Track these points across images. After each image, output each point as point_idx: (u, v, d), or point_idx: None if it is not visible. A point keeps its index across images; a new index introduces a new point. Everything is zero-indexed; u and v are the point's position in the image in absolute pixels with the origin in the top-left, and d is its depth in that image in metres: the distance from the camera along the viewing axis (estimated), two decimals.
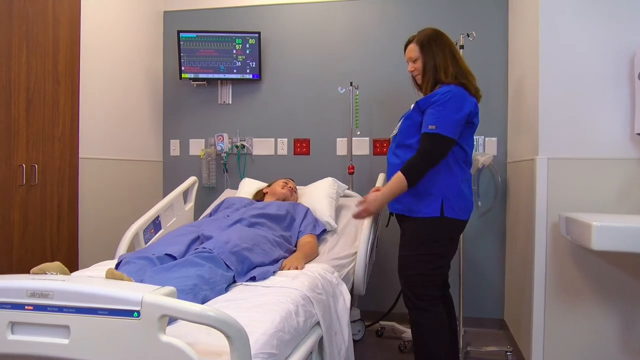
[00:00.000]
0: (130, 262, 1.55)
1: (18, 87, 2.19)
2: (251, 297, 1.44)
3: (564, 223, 1.98)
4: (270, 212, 2.14)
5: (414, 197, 1.90)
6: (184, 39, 3.19)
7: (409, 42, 2.04)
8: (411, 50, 2.02)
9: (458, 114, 1.85)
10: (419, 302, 1.90)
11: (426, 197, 1.89)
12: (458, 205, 1.91)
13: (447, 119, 1.82)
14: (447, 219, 1.88)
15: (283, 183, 2.56)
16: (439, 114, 1.83)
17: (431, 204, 1.89)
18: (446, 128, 1.82)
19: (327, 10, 3.22)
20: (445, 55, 1.95)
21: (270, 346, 1.19)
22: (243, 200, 2.41)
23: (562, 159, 2.13)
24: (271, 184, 2.64)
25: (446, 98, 1.84)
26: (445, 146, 1.84)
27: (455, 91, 1.86)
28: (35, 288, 1.04)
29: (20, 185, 2.20)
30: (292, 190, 2.55)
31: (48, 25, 2.34)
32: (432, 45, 1.95)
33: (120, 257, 1.69)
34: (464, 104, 1.87)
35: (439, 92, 1.87)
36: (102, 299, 1.01)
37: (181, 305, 0.99)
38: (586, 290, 2.11)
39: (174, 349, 0.98)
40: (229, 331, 0.99)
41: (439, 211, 1.88)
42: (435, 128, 1.82)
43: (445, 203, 1.88)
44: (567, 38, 2.13)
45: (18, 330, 1.06)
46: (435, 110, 1.84)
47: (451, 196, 1.89)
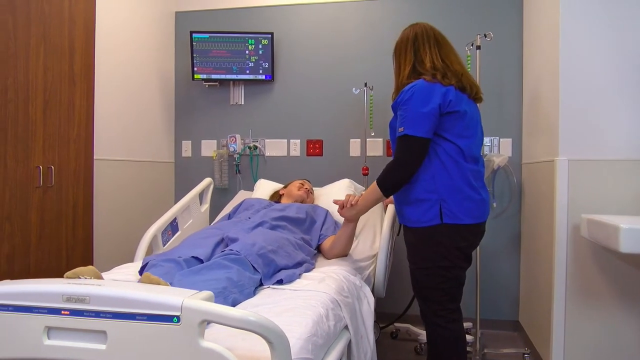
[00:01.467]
0: (157, 265, 1.54)
1: (35, 88, 2.17)
2: (280, 301, 1.42)
3: (587, 225, 1.97)
4: (291, 214, 2.12)
5: (411, 206, 1.75)
6: (196, 39, 3.18)
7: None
8: (393, 60, 1.96)
9: (425, 107, 1.68)
10: (436, 318, 1.76)
11: (422, 203, 1.72)
12: (459, 209, 1.70)
13: (413, 117, 1.67)
14: (446, 226, 1.69)
15: (299, 184, 2.55)
16: (404, 113, 1.70)
17: (428, 211, 1.71)
18: (414, 127, 1.66)
19: (340, 11, 3.21)
20: (407, 57, 1.84)
21: (306, 351, 1.17)
22: (262, 201, 2.39)
23: (583, 161, 2.11)
24: (287, 185, 2.63)
25: (408, 95, 1.70)
26: (417, 147, 1.68)
27: (418, 85, 1.71)
28: (71, 293, 1.03)
29: (37, 187, 2.19)
30: (309, 191, 2.54)
31: (64, 25, 2.32)
32: (401, 50, 1.88)
33: (145, 259, 1.67)
34: (430, 96, 1.69)
35: (402, 92, 1.75)
36: (141, 303, 1.00)
37: (222, 310, 0.98)
38: (608, 292, 2.09)
39: (215, 355, 0.97)
40: (270, 336, 0.97)
41: (438, 218, 1.70)
42: (402, 130, 1.68)
43: (443, 208, 1.70)
44: (588, 39, 2.11)
45: (54, 335, 1.04)
46: (401, 111, 1.72)
47: (449, 199, 1.70)
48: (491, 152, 2.97)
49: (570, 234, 2.13)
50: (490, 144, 2.98)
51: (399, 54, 1.89)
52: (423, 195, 1.72)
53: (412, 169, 1.70)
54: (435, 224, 1.71)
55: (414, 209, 1.75)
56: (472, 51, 2.73)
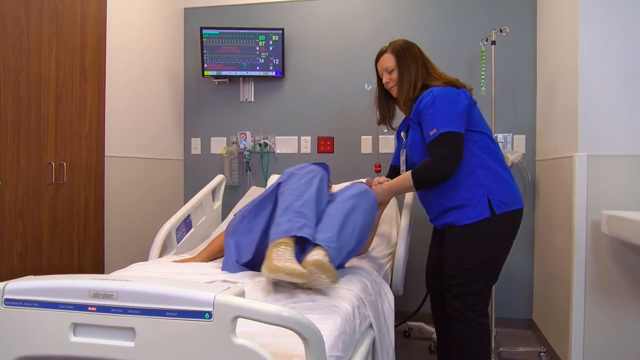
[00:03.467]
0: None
1: (48, 84, 2.14)
2: (306, 298, 1.39)
3: (607, 221, 1.94)
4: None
5: (457, 210, 1.77)
6: (206, 35, 3.15)
7: (383, 53, 1.97)
8: (387, 59, 1.93)
9: (457, 106, 1.73)
10: (468, 312, 1.76)
11: (469, 203, 1.75)
12: (506, 196, 1.76)
13: (445, 115, 1.71)
14: (499, 216, 1.73)
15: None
16: (433, 116, 1.72)
17: (476, 206, 1.74)
18: (449, 124, 1.70)
19: (351, 6, 3.18)
20: (418, 66, 1.89)
21: (337, 348, 1.15)
22: None
23: (602, 156, 2.08)
24: None
25: (429, 100, 1.74)
26: (457, 141, 1.70)
27: (436, 90, 1.76)
28: (98, 288, 1.00)
29: (49, 184, 2.16)
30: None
31: (76, 21, 2.30)
32: (407, 56, 1.89)
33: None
34: (458, 97, 1.76)
35: (423, 98, 1.78)
36: (171, 299, 0.97)
37: (255, 305, 0.95)
38: (628, 289, 2.06)
39: (249, 352, 0.94)
40: (305, 333, 0.95)
41: (488, 211, 1.73)
42: (436, 131, 1.70)
43: (492, 200, 1.73)
44: (608, 33, 2.08)
45: (80, 332, 1.02)
46: (427, 116, 1.74)
47: (496, 189, 1.75)
48: (505, 148, 2.94)
49: (589, 231, 2.09)
50: (503, 141, 2.95)
51: (404, 57, 1.90)
52: (470, 193, 1.75)
53: (454, 166, 1.71)
54: (486, 218, 1.74)
55: (460, 210, 1.78)
56: (487, 47, 2.71)
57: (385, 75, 1.95)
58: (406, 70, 1.88)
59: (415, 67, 1.88)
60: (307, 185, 1.68)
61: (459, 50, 2.99)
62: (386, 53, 1.95)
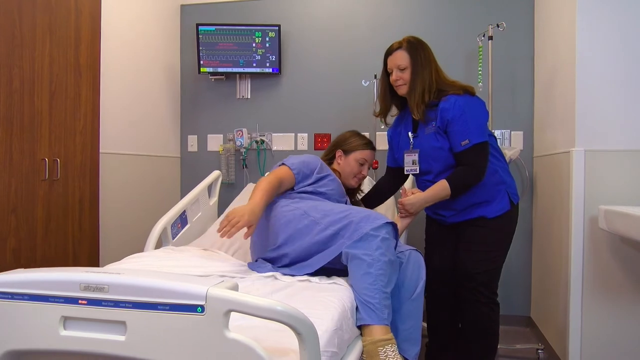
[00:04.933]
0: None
1: (41, 79, 2.12)
2: (304, 293, 1.37)
3: (604, 216, 1.93)
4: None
5: (482, 205, 1.92)
6: (203, 32, 3.13)
7: (397, 49, 1.94)
8: (401, 57, 1.91)
9: (484, 117, 1.88)
10: (493, 295, 1.94)
11: (494, 198, 1.91)
12: (515, 188, 2.00)
13: (476, 126, 1.82)
14: (515, 206, 1.96)
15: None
16: (464, 125, 1.81)
17: (501, 201, 1.92)
18: (481, 134, 1.83)
19: (348, 2, 3.16)
20: (432, 69, 1.89)
21: (332, 344, 1.14)
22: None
23: (599, 151, 2.07)
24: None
25: (462, 109, 1.81)
26: (487, 152, 1.86)
27: (466, 99, 1.84)
28: (89, 281, 0.98)
29: (43, 180, 2.14)
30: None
31: (70, 16, 2.27)
32: (421, 57, 1.88)
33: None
34: (482, 107, 1.88)
35: (447, 107, 1.81)
36: (163, 293, 0.95)
37: (248, 299, 0.93)
38: (627, 285, 2.05)
39: (241, 346, 0.93)
40: (299, 327, 0.93)
41: (509, 204, 1.92)
42: (469, 142, 1.81)
43: (510, 193, 1.94)
44: (605, 28, 2.07)
45: (71, 325, 1.00)
46: (458, 125, 1.81)
47: (511, 182, 1.97)
48: (502, 145, 2.93)
49: (586, 226, 2.08)
50: (501, 137, 2.94)
51: (419, 57, 1.89)
52: (495, 189, 1.91)
53: (485, 172, 1.86)
54: (507, 210, 1.92)
55: (486, 204, 1.92)
56: (484, 42, 2.70)
57: (395, 72, 1.92)
58: (420, 72, 1.87)
59: (429, 70, 1.88)
60: (392, 268, 1.54)
61: (456, 46, 2.98)
62: (400, 50, 1.92)
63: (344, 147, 2.11)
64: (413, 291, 1.70)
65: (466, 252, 1.94)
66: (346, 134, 2.17)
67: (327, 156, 2.16)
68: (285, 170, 1.84)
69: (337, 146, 2.15)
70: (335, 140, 2.20)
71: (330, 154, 2.15)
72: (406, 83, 1.90)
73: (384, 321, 1.41)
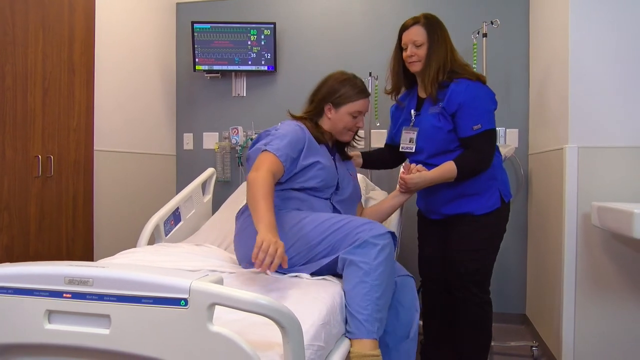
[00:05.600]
0: None
1: (34, 76, 2.12)
2: (293, 288, 1.37)
3: (597, 213, 1.93)
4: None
5: (473, 196, 1.89)
6: (198, 29, 3.13)
7: (414, 24, 1.88)
8: (418, 33, 1.86)
9: (494, 105, 1.87)
10: (485, 295, 1.93)
11: (485, 192, 1.89)
12: (508, 186, 1.97)
13: (487, 112, 1.82)
14: (506, 204, 1.92)
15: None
16: (477, 110, 1.79)
17: (491, 197, 1.89)
18: (491, 121, 1.83)
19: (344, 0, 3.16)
20: (447, 48, 1.87)
21: (319, 338, 1.13)
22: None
23: (593, 148, 2.07)
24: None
25: (476, 94, 1.80)
26: (494, 140, 1.86)
27: (479, 86, 1.83)
28: (73, 274, 0.99)
29: (36, 177, 2.14)
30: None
31: (64, 13, 2.27)
32: (438, 35, 1.85)
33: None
34: (493, 96, 1.88)
35: (460, 91, 1.80)
36: (147, 286, 0.95)
37: (232, 293, 0.93)
38: (619, 282, 2.05)
39: (225, 340, 0.93)
40: (283, 321, 0.93)
41: (499, 201, 1.89)
42: (480, 126, 1.79)
43: (502, 190, 1.91)
44: (598, 25, 2.07)
45: (55, 319, 1.00)
46: (471, 109, 1.79)
47: (503, 179, 1.94)
48: (498, 142, 2.92)
49: (579, 223, 2.08)
50: (496, 135, 2.93)
51: (436, 34, 1.86)
52: (486, 184, 1.88)
53: (492, 160, 1.85)
54: (498, 207, 1.89)
55: (477, 198, 1.89)
56: (478, 39, 2.69)
57: (411, 48, 1.87)
58: (435, 50, 1.84)
59: (445, 49, 1.86)
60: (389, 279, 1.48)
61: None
62: (417, 25, 1.87)
63: (334, 99, 1.81)
64: (410, 327, 1.64)
65: (456, 252, 1.92)
66: (334, 84, 1.84)
67: (313, 112, 1.86)
68: (273, 159, 1.58)
69: (324, 100, 1.83)
70: (322, 92, 1.85)
71: (318, 109, 1.85)
72: (420, 60, 1.86)
73: (373, 335, 1.36)
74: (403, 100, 2.06)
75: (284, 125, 1.74)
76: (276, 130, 1.71)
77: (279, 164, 1.59)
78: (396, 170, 2.85)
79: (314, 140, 1.76)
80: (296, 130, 1.70)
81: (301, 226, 1.56)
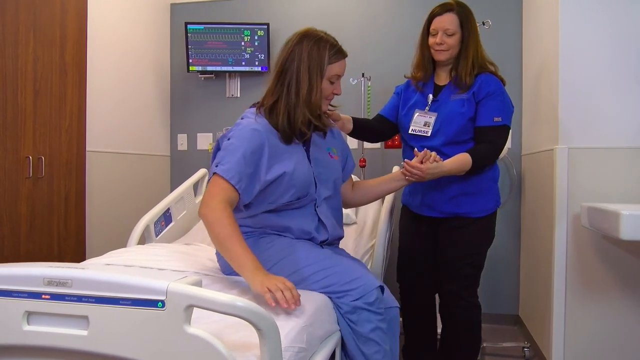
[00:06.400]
0: None
1: (25, 77, 2.13)
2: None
3: (587, 213, 1.93)
4: None
5: (474, 196, 1.86)
6: (191, 30, 3.13)
7: (447, 10, 1.80)
8: (451, 21, 1.78)
9: (512, 107, 1.88)
10: (473, 298, 1.90)
11: (487, 192, 1.88)
12: (499, 190, 1.96)
13: (508, 110, 1.82)
14: (497, 209, 1.93)
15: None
16: (500, 105, 1.79)
17: (490, 199, 1.89)
18: (509, 118, 1.83)
19: (338, 0, 3.16)
20: (477, 40, 1.84)
21: (300, 340, 1.13)
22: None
23: (583, 149, 2.07)
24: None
25: (501, 89, 1.81)
26: (507, 138, 1.85)
27: (502, 86, 1.84)
28: (52, 276, 0.98)
29: (27, 178, 2.15)
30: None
31: (55, 14, 2.28)
32: (471, 25, 1.81)
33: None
34: (508, 96, 1.87)
35: (491, 82, 1.80)
36: (124, 287, 0.95)
37: (209, 294, 0.93)
38: (609, 283, 2.05)
39: (201, 342, 0.93)
40: (259, 323, 0.93)
41: (495, 205, 1.90)
42: (501, 120, 1.78)
43: (497, 194, 1.92)
44: (588, 26, 2.07)
45: (34, 320, 1.00)
46: (496, 101, 1.78)
47: (497, 181, 1.93)
48: None
49: (570, 224, 2.08)
50: None
51: (470, 25, 1.82)
52: (489, 184, 1.87)
53: (499, 157, 1.86)
54: (493, 211, 1.89)
55: (476, 198, 1.85)
56: None
57: (441, 35, 1.79)
58: (471, 41, 1.81)
59: (476, 40, 1.83)
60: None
61: None
62: (452, 13, 1.80)
63: (313, 68, 1.51)
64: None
65: (452, 257, 1.88)
66: (311, 48, 1.50)
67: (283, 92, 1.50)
68: (223, 187, 1.34)
69: (301, 71, 1.50)
70: (297, 61, 1.50)
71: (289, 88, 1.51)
72: (449, 49, 1.80)
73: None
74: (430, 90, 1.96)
75: (238, 130, 1.44)
76: (228, 139, 1.44)
77: (231, 190, 1.35)
78: (388, 166, 2.85)
79: (278, 142, 1.47)
80: (251, 138, 1.41)
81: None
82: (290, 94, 1.48)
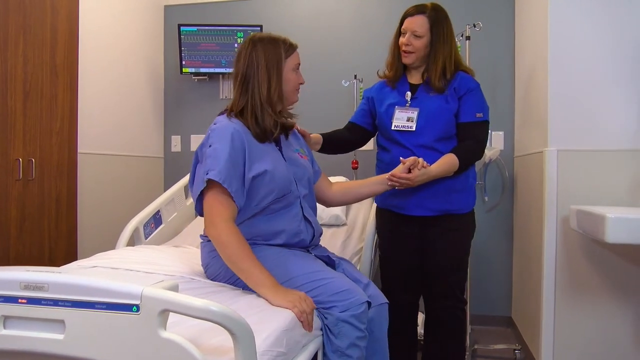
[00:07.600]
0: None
1: (15, 79, 2.13)
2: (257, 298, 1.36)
3: (575, 216, 1.93)
4: None
5: (463, 192, 1.87)
6: (184, 32, 3.14)
7: (418, 12, 1.80)
8: (421, 23, 1.78)
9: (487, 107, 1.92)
10: (461, 303, 1.91)
11: (471, 188, 1.90)
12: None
13: (486, 105, 1.87)
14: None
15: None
16: (481, 100, 1.85)
17: (472, 195, 1.92)
18: (488, 114, 1.87)
19: (330, 2, 3.17)
20: (451, 46, 1.84)
21: (280, 344, 1.13)
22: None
23: (573, 151, 2.07)
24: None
25: (479, 86, 1.86)
26: (487, 133, 1.91)
27: (474, 80, 1.88)
28: (29, 280, 0.99)
29: (17, 180, 2.15)
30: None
31: (46, 16, 2.28)
32: (442, 31, 1.80)
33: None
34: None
35: (469, 78, 1.85)
36: (100, 292, 0.96)
37: (183, 299, 0.93)
38: (598, 285, 2.05)
39: (175, 346, 0.93)
40: (233, 328, 0.93)
41: (475, 201, 1.93)
42: (482, 116, 1.83)
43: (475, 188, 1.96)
44: (577, 28, 2.06)
45: (11, 324, 1.00)
46: (477, 97, 1.83)
47: (475, 180, 1.97)
48: None
49: (559, 226, 2.08)
50: None
51: (441, 29, 1.81)
52: (470, 182, 1.90)
53: (483, 153, 1.90)
54: (473, 209, 1.92)
55: (465, 194, 1.88)
56: (462, 42, 2.69)
57: (409, 36, 1.79)
58: (441, 45, 1.79)
59: (448, 45, 1.81)
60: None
61: None
62: (422, 15, 1.79)
63: (274, 65, 1.56)
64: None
65: (444, 262, 1.86)
66: (258, 50, 1.54)
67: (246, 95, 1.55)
68: (220, 200, 1.39)
69: (261, 71, 1.54)
70: (250, 69, 1.54)
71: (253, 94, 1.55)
72: (415, 51, 1.80)
73: None
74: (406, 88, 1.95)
75: (216, 135, 1.46)
76: (210, 147, 1.44)
77: (230, 203, 1.40)
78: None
79: (254, 140, 1.50)
80: (232, 138, 1.43)
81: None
82: (254, 98, 1.53)
